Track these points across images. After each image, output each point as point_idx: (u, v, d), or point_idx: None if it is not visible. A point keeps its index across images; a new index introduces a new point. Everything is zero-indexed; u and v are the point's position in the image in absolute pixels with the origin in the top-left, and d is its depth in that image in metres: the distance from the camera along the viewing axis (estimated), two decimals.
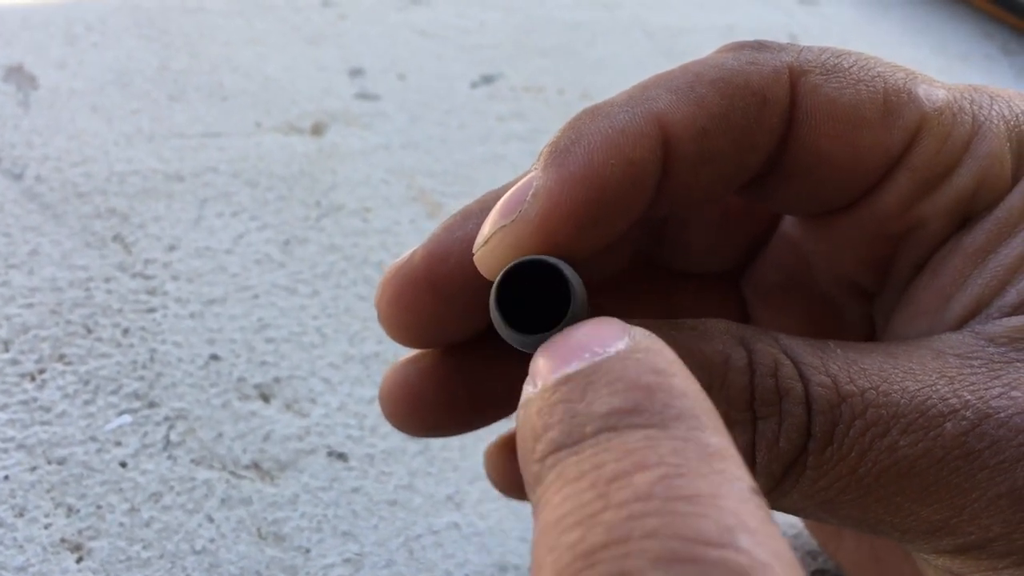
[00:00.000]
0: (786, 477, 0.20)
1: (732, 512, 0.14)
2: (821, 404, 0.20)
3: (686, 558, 0.13)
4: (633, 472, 0.14)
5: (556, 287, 0.20)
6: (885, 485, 0.20)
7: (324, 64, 0.61)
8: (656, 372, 0.16)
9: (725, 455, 0.15)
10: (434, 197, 0.52)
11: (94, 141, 0.50)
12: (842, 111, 0.22)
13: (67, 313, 0.40)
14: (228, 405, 0.38)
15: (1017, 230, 0.22)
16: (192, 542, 0.33)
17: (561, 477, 0.15)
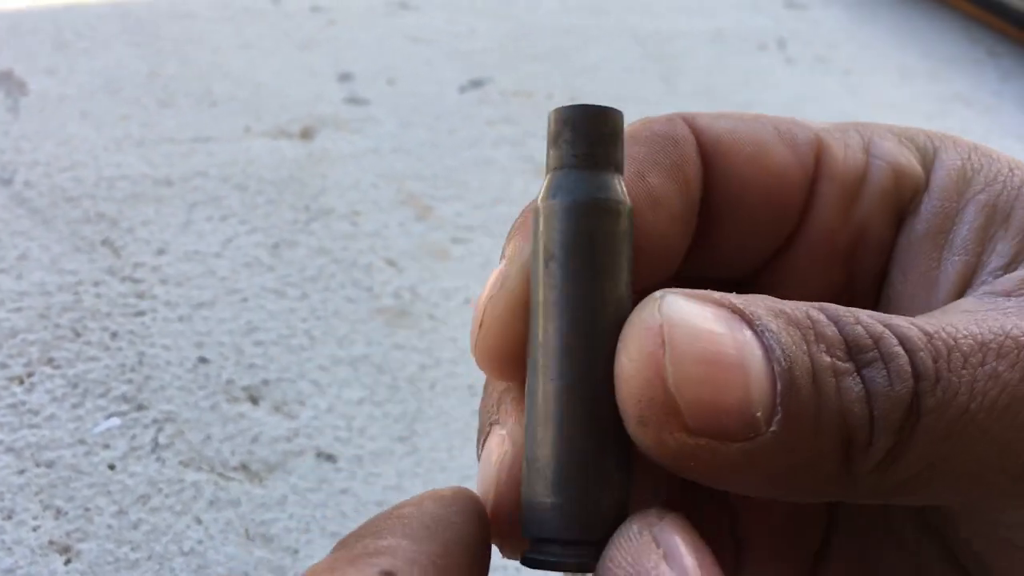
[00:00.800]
0: (903, 429, 0.20)
1: None
2: (915, 342, 0.20)
3: None
4: None
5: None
6: (998, 420, 0.20)
7: (314, 69, 0.61)
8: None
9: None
10: (424, 201, 0.52)
11: (83, 146, 0.50)
12: (745, 137, 0.24)
13: (56, 317, 0.40)
14: (217, 407, 0.38)
15: (960, 207, 0.23)
16: (180, 543, 0.33)
17: None
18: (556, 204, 0.20)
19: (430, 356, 0.43)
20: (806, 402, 0.19)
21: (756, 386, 0.19)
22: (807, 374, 0.19)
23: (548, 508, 0.20)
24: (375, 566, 0.17)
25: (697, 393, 0.19)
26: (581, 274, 0.20)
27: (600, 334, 0.20)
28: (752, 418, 0.19)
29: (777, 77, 0.76)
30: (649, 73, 0.72)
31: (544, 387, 0.20)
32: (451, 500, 0.20)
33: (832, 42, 0.83)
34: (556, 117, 0.21)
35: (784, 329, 0.19)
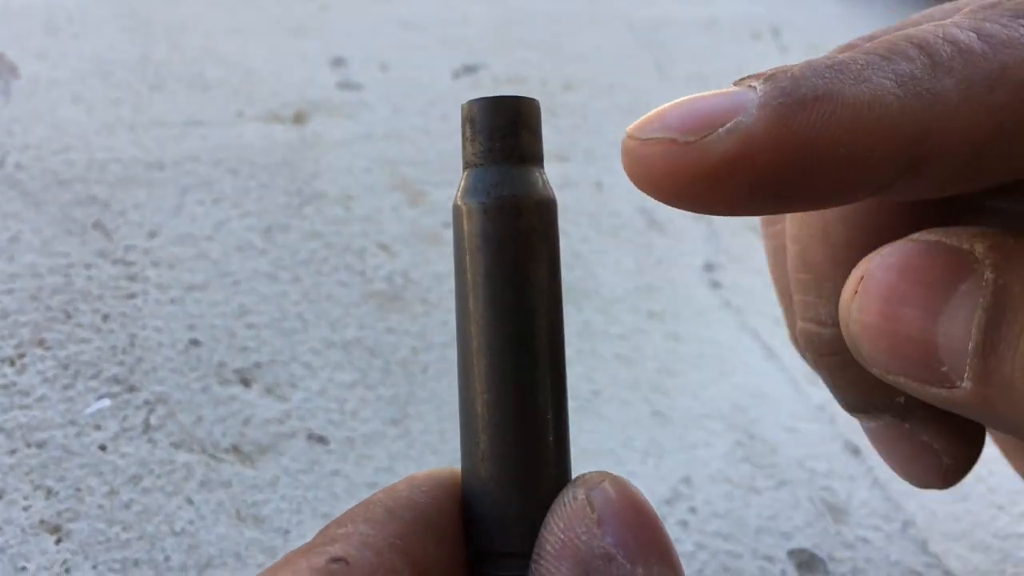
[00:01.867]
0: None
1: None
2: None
3: None
4: None
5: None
6: None
7: (306, 54, 0.61)
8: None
9: None
10: (416, 186, 0.52)
11: (75, 130, 0.50)
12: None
13: (47, 299, 0.40)
14: (208, 389, 0.38)
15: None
16: (171, 524, 0.33)
17: None
18: (463, 206, 0.20)
19: (422, 340, 0.43)
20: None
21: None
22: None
23: (492, 521, 0.20)
24: (325, 554, 0.17)
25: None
26: (493, 276, 0.19)
27: (522, 336, 0.19)
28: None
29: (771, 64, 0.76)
30: (642, 60, 0.71)
31: (473, 399, 0.20)
32: (423, 480, 0.20)
33: (826, 30, 0.83)
34: (461, 113, 0.20)
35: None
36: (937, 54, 0.18)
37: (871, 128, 0.17)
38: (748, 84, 0.18)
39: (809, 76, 0.18)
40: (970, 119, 0.18)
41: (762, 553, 0.36)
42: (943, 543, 0.38)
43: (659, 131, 0.18)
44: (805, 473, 0.40)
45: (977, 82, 0.18)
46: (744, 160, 0.17)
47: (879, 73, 0.18)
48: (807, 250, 0.25)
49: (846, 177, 0.18)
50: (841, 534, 0.38)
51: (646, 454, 0.40)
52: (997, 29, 0.18)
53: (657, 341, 0.46)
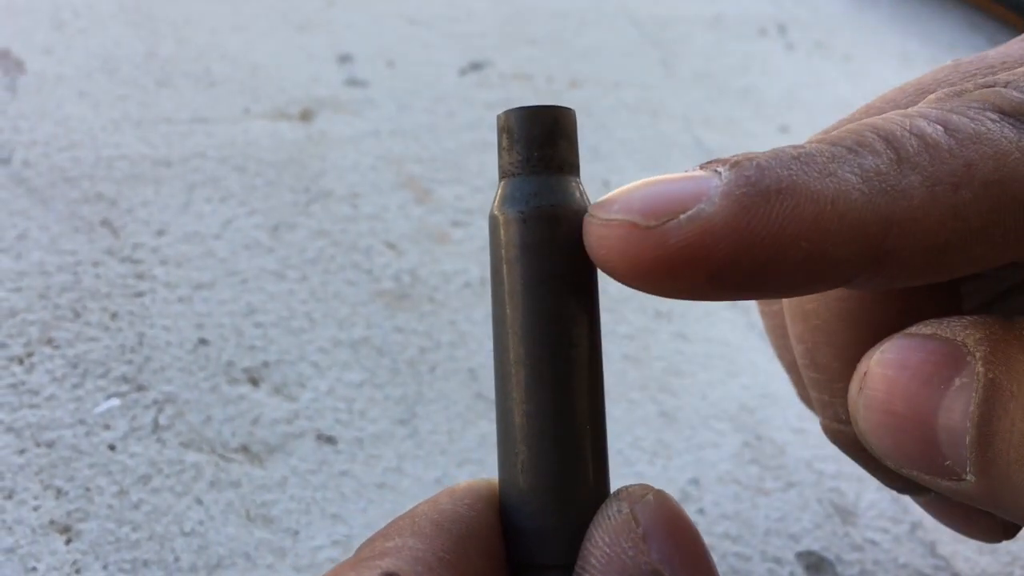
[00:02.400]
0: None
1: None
2: None
3: None
4: None
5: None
6: None
7: (312, 51, 0.61)
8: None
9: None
10: (423, 184, 0.52)
11: (81, 126, 0.49)
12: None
13: (55, 297, 0.40)
14: (217, 389, 0.38)
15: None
16: (181, 524, 0.33)
17: None
18: (501, 216, 0.20)
19: (430, 339, 0.43)
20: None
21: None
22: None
23: (532, 533, 0.19)
24: (377, 568, 0.17)
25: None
26: (534, 286, 0.19)
27: (561, 346, 0.19)
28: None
29: (777, 63, 0.76)
30: (648, 57, 0.71)
31: (512, 410, 0.19)
32: (463, 493, 0.20)
33: (832, 28, 0.82)
34: (497, 123, 0.20)
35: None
36: (903, 149, 0.18)
37: (834, 224, 0.17)
38: (714, 168, 0.18)
39: (774, 167, 0.18)
40: (934, 218, 0.18)
41: (771, 555, 0.36)
42: (951, 545, 0.38)
43: (620, 213, 0.18)
44: (813, 474, 0.40)
45: (942, 180, 0.18)
46: (703, 250, 0.17)
47: (845, 167, 0.18)
48: (813, 352, 0.26)
49: (806, 271, 0.18)
50: (849, 536, 0.38)
51: (654, 455, 0.40)
52: (964, 123, 0.18)
53: (664, 341, 0.46)
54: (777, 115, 0.69)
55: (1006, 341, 0.19)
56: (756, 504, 0.38)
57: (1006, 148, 0.18)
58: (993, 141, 0.18)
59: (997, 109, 0.19)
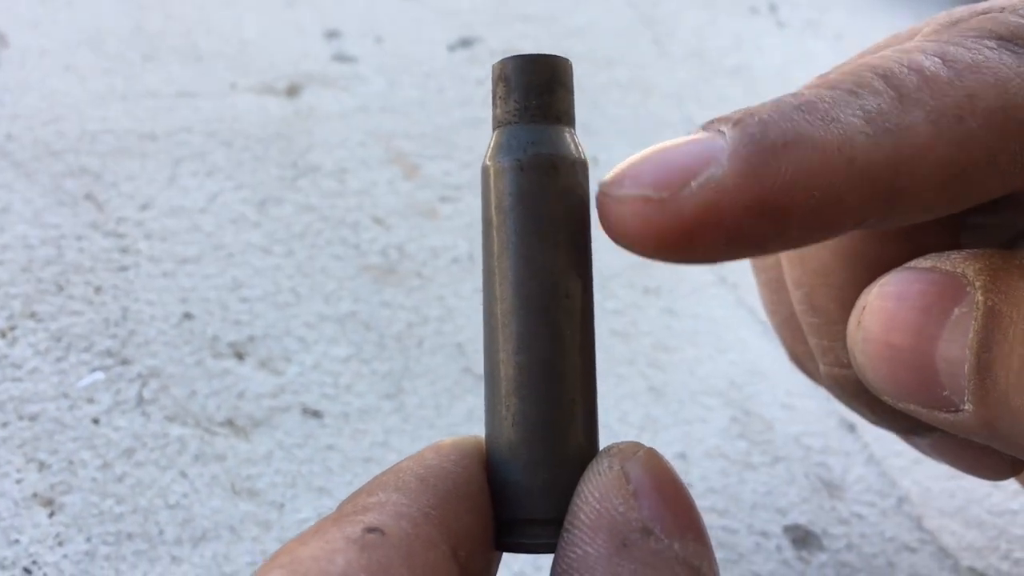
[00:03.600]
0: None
1: None
2: None
3: None
4: None
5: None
6: None
7: (300, 26, 0.60)
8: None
9: None
10: (411, 160, 0.52)
11: (66, 100, 0.49)
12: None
13: (38, 271, 0.40)
14: (202, 363, 0.38)
15: None
16: (165, 497, 0.33)
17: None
18: (495, 164, 0.19)
19: (417, 314, 0.43)
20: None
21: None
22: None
23: (521, 488, 0.19)
24: (359, 523, 0.17)
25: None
26: (528, 236, 0.19)
27: (555, 295, 0.19)
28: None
29: (768, 40, 0.75)
30: (640, 35, 0.71)
31: (504, 361, 0.19)
32: (449, 449, 0.20)
33: (823, 6, 0.82)
34: (493, 72, 0.20)
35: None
36: (903, 85, 0.18)
37: (843, 171, 0.17)
38: (717, 128, 0.18)
39: (777, 120, 0.18)
40: (942, 152, 0.18)
41: (758, 528, 0.36)
42: (938, 519, 0.38)
43: (633, 188, 0.18)
44: (801, 449, 0.40)
45: (946, 113, 0.18)
46: (719, 214, 0.17)
47: (847, 111, 0.18)
48: (811, 295, 0.25)
49: (822, 220, 0.18)
50: (836, 510, 0.38)
51: (642, 429, 0.40)
52: (962, 53, 0.18)
53: (653, 317, 0.46)
54: (769, 93, 0.68)
55: (1005, 270, 0.19)
56: (743, 478, 0.38)
57: (1006, 75, 0.18)
58: (993, 69, 0.18)
59: (994, 35, 0.19)
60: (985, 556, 0.37)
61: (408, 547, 0.17)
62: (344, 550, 0.16)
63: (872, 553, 0.36)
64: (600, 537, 0.17)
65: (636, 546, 0.17)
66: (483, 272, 0.20)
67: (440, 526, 0.18)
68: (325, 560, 0.16)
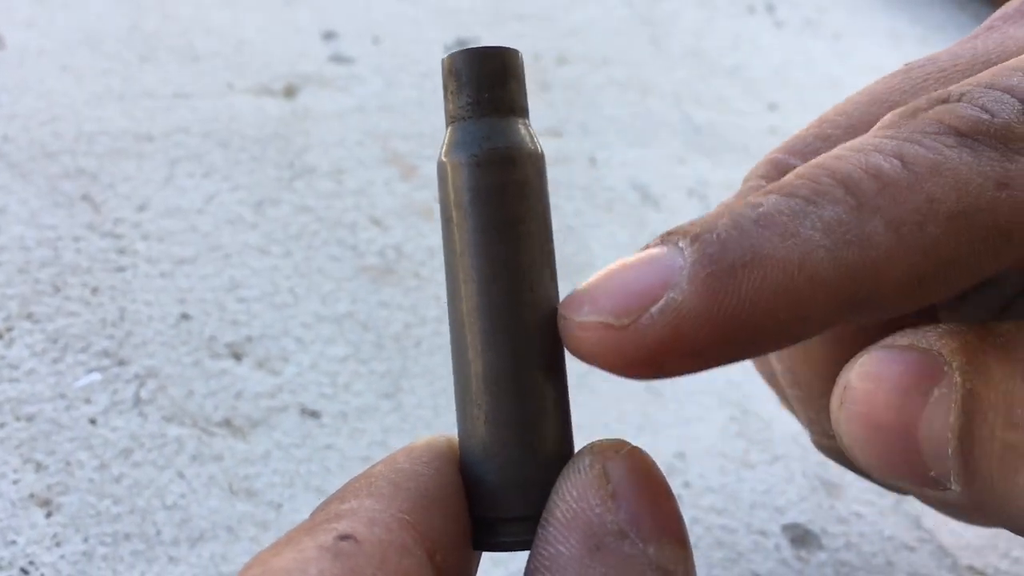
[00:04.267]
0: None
1: None
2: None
3: None
4: None
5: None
6: None
7: (297, 26, 0.60)
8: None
9: None
10: (409, 160, 0.52)
11: (63, 100, 0.49)
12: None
13: (35, 272, 0.40)
14: (199, 363, 0.38)
15: None
16: (163, 497, 0.33)
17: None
18: (450, 160, 0.19)
19: (415, 314, 0.43)
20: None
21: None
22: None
23: (495, 486, 0.19)
24: (332, 531, 0.17)
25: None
26: (488, 231, 0.19)
27: (519, 289, 0.19)
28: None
29: (766, 40, 0.75)
30: (637, 35, 0.71)
31: (472, 359, 0.19)
32: (421, 451, 0.20)
33: (821, 6, 0.82)
34: (443, 67, 0.19)
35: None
36: (862, 193, 0.18)
37: (805, 288, 0.17)
38: (675, 243, 0.18)
39: (736, 238, 0.17)
40: (904, 259, 0.17)
41: (756, 527, 0.36)
42: (936, 518, 0.38)
43: (592, 314, 0.18)
44: (799, 448, 0.40)
45: (906, 220, 0.17)
46: (681, 337, 0.17)
47: (806, 223, 0.17)
48: (793, 371, 0.26)
49: (785, 333, 0.18)
50: (835, 509, 0.38)
51: (640, 429, 0.40)
52: (921, 154, 0.18)
53: None
54: (766, 93, 0.68)
55: (982, 350, 0.18)
56: (742, 477, 0.38)
57: (966, 176, 0.18)
58: (953, 170, 0.18)
59: (953, 131, 0.18)
60: (984, 555, 0.37)
61: (382, 554, 0.17)
62: (317, 559, 0.16)
63: (871, 552, 0.36)
64: (574, 537, 0.17)
65: (609, 549, 0.17)
66: (445, 270, 0.20)
67: (415, 530, 0.18)
68: (298, 571, 0.16)
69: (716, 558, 0.35)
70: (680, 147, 0.59)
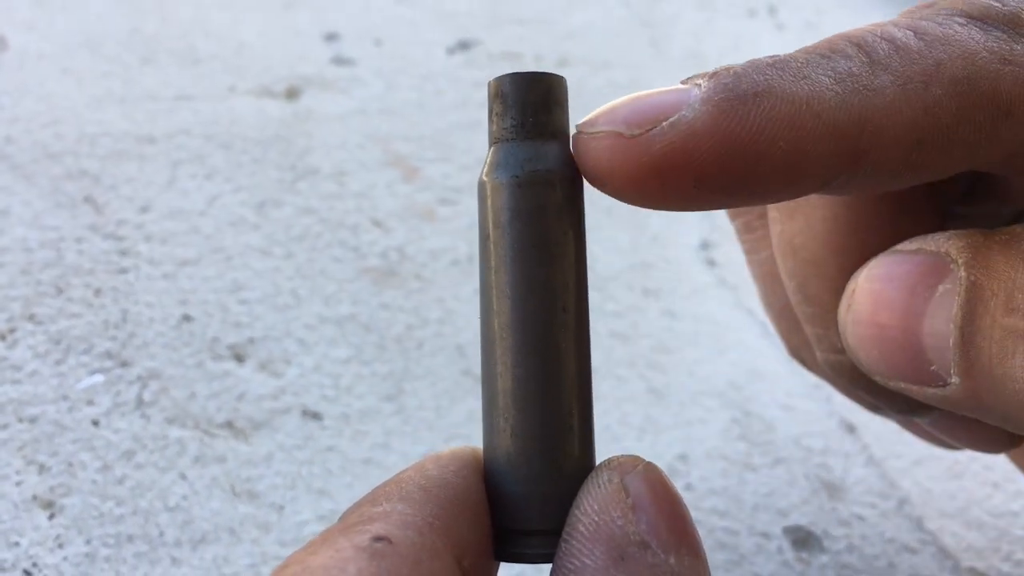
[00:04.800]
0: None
1: None
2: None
3: None
4: None
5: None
6: None
7: (299, 29, 0.60)
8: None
9: None
10: (410, 162, 0.52)
11: (64, 103, 0.49)
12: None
13: (37, 273, 0.40)
14: (201, 365, 0.38)
15: None
16: (165, 499, 0.33)
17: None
18: (491, 180, 0.20)
19: (417, 316, 0.43)
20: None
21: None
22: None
23: (520, 498, 0.19)
24: (367, 532, 0.17)
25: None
26: (526, 251, 0.19)
27: (553, 310, 0.19)
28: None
29: (767, 43, 0.75)
30: (638, 37, 0.71)
31: (502, 374, 0.19)
32: (448, 460, 0.20)
33: (822, 8, 0.82)
34: (489, 89, 0.20)
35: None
36: (875, 52, 0.19)
37: (810, 123, 0.18)
38: (694, 82, 0.19)
39: (751, 73, 0.18)
40: (907, 114, 0.18)
41: (758, 530, 0.36)
42: (938, 521, 0.38)
43: (605, 125, 0.19)
44: (801, 451, 0.40)
45: (913, 78, 0.18)
46: (686, 153, 0.18)
47: (819, 71, 0.18)
48: (805, 286, 0.26)
49: (787, 171, 0.18)
50: (837, 511, 0.38)
51: (642, 431, 0.40)
52: (933, 26, 0.19)
53: (653, 319, 0.46)
54: None
55: (986, 246, 0.19)
56: (744, 480, 0.38)
57: (973, 48, 0.19)
58: (961, 42, 0.19)
59: (965, 14, 0.19)
60: (986, 557, 0.37)
61: (416, 556, 0.17)
62: (355, 559, 0.16)
63: (873, 554, 0.36)
64: (598, 549, 0.17)
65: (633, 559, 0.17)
66: (480, 286, 0.20)
67: (444, 535, 0.18)
68: (337, 569, 0.16)
69: (718, 560, 0.35)
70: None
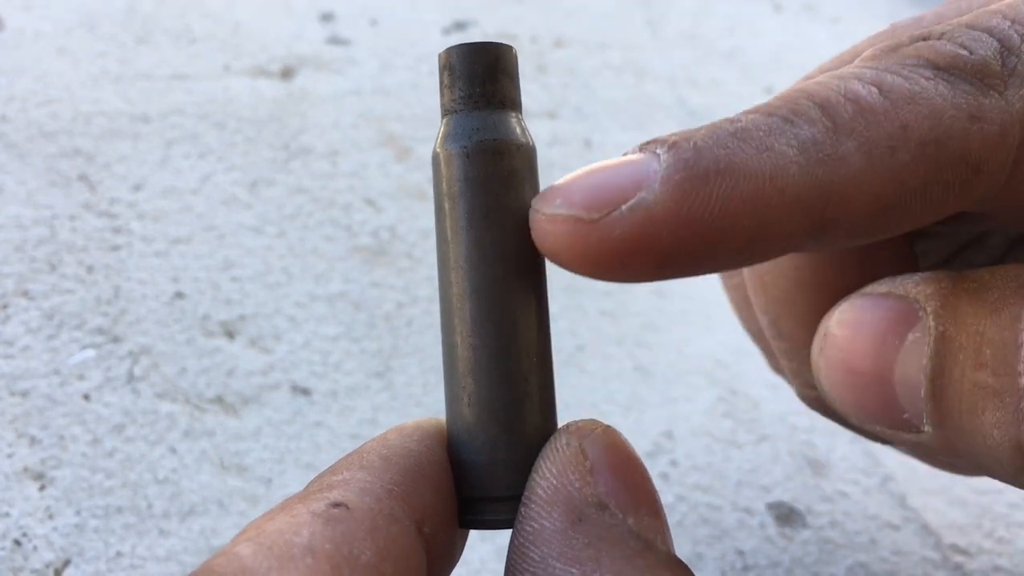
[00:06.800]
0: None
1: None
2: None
3: None
4: None
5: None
6: None
7: (294, 8, 0.61)
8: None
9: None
10: (403, 142, 0.52)
11: (60, 82, 0.49)
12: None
13: (31, 250, 0.40)
14: (192, 341, 0.38)
15: None
16: (154, 472, 0.34)
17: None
18: (443, 151, 0.20)
19: (407, 294, 0.43)
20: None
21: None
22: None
23: (480, 467, 0.20)
24: (324, 499, 0.17)
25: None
26: (478, 220, 0.19)
27: (506, 278, 0.19)
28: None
29: (764, 24, 0.75)
30: (634, 18, 0.71)
31: (459, 344, 0.19)
32: (412, 430, 0.20)
33: None
34: (439, 61, 0.20)
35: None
36: (838, 115, 0.18)
37: (774, 199, 0.17)
38: (652, 150, 0.18)
39: (711, 146, 0.17)
40: (873, 182, 0.18)
41: (741, 505, 0.37)
42: (921, 498, 0.38)
43: (563, 207, 0.18)
44: (786, 428, 0.40)
45: (879, 144, 0.18)
46: (648, 238, 0.17)
47: (781, 140, 0.18)
48: (777, 322, 0.26)
49: (751, 246, 0.18)
50: (820, 488, 0.38)
51: (628, 408, 0.40)
52: (898, 83, 0.18)
53: (641, 297, 0.46)
54: (763, 76, 0.68)
55: (955, 295, 0.19)
56: (728, 456, 0.39)
57: (940, 106, 0.18)
58: (928, 100, 0.18)
59: (931, 64, 0.18)
60: (968, 533, 0.37)
61: (372, 521, 0.17)
62: (309, 523, 0.17)
63: (855, 530, 0.36)
64: (556, 512, 0.18)
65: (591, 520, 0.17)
66: (437, 257, 0.20)
67: (403, 502, 0.18)
68: (291, 532, 0.16)
69: (701, 535, 0.35)
70: (675, 130, 0.59)
